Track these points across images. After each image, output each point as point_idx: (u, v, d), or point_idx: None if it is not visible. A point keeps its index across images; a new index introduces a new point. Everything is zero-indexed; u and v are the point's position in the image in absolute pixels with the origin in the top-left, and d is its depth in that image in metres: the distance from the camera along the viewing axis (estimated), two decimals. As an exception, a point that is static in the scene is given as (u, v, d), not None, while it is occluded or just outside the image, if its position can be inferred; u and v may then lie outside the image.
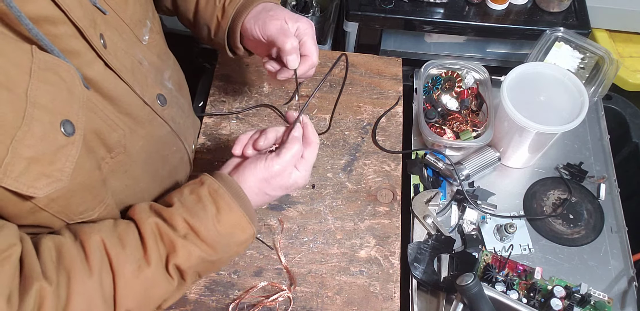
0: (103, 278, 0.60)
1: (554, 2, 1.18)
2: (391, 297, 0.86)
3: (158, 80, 0.76)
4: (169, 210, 0.67)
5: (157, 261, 0.63)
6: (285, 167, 0.71)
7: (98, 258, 0.60)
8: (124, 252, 0.62)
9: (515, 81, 0.96)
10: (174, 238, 0.65)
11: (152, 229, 0.65)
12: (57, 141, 0.53)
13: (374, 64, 1.12)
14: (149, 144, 0.73)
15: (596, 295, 0.86)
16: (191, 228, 0.66)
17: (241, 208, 0.68)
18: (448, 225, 0.95)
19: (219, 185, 0.68)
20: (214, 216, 0.67)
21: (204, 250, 0.66)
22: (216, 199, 0.68)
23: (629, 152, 1.11)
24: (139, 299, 0.62)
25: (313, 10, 1.36)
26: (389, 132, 1.03)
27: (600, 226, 0.96)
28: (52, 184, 0.54)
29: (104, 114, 0.63)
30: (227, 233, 0.68)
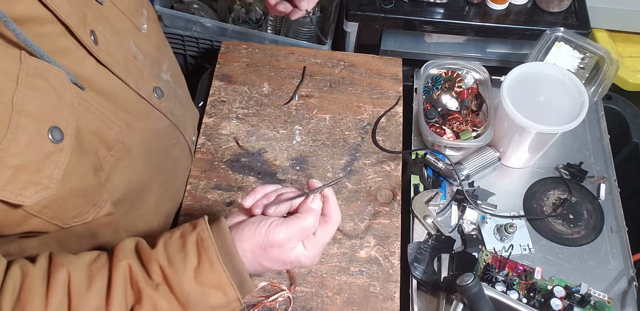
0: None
1: (554, 2, 1.18)
2: (391, 297, 0.86)
3: (155, 73, 0.76)
4: (150, 253, 0.61)
5: (119, 309, 0.57)
6: (289, 239, 0.61)
7: (59, 296, 0.56)
8: (87, 294, 0.57)
9: (515, 81, 0.96)
10: (143, 288, 0.58)
11: (124, 271, 0.59)
12: (45, 148, 0.52)
13: (374, 64, 1.12)
14: (147, 138, 0.72)
15: (596, 295, 0.86)
16: (165, 278, 0.59)
17: (226, 267, 0.60)
18: (448, 225, 0.95)
19: (209, 235, 0.60)
20: (193, 269, 0.59)
21: (174, 307, 0.59)
22: (200, 252, 0.60)
23: (629, 152, 1.11)
24: None
25: (313, 10, 1.36)
26: (389, 132, 1.03)
27: (600, 226, 0.96)
28: (41, 192, 0.53)
29: (100, 112, 0.62)
30: (203, 292, 0.60)
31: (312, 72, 1.10)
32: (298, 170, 0.98)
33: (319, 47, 1.27)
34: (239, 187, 0.95)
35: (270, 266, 0.63)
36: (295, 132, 1.02)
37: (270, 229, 0.61)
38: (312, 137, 1.02)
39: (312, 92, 1.07)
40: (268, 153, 1.00)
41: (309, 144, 1.01)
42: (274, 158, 0.99)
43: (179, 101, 0.84)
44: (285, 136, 1.02)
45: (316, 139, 1.02)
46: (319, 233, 0.64)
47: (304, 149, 1.00)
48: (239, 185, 0.96)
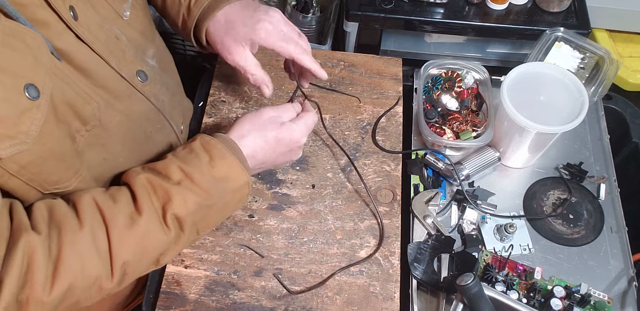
0: (95, 231, 0.61)
1: (554, 2, 1.18)
2: (391, 297, 0.86)
3: (139, 56, 0.76)
4: (163, 162, 0.70)
5: (150, 211, 0.64)
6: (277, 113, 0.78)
7: (90, 213, 0.61)
8: (115, 206, 0.63)
9: (515, 81, 0.96)
10: (168, 187, 0.66)
11: (142, 183, 0.66)
12: (21, 104, 0.54)
13: (374, 64, 1.12)
14: (128, 120, 0.73)
15: (596, 295, 0.86)
16: (185, 174, 0.67)
17: (234, 156, 0.70)
18: (448, 225, 0.95)
19: (210, 137, 0.71)
20: (207, 162, 0.69)
21: (199, 195, 0.67)
22: (208, 149, 0.70)
23: (629, 152, 1.11)
24: (135, 251, 0.63)
25: (313, 10, 1.36)
26: (389, 132, 1.03)
27: (600, 226, 0.96)
28: (16, 146, 0.54)
29: (77, 86, 0.63)
30: (221, 178, 0.69)
31: (312, 72, 1.10)
32: (298, 170, 0.98)
33: (319, 47, 1.27)
34: (239, 187, 0.95)
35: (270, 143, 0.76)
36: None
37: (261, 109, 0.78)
38: (312, 137, 1.02)
39: (312, 92, 1.07)
40: (268, 153, 1.00)
41: (309, 144, 1.01)
42: (274, 157, 0.99)
43: (166, 87, 0.84)
44: (285, 136, 1.02)
45: (316, 139, 1.02)
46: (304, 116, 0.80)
47: (303, 149, 1.00)
48: (239, 185, 0.96)
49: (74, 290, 0.59)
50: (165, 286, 0.85)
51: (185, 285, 0.86)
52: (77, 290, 0.59)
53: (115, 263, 0.62)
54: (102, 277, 0.61)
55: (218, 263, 0.88)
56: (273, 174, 0.97)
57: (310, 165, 0.99)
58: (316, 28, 1.37)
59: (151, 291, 0.87)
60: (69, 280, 0.58)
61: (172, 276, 0.86)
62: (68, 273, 0.58)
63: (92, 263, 0.60)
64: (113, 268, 0.62)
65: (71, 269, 0.58)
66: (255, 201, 0.94)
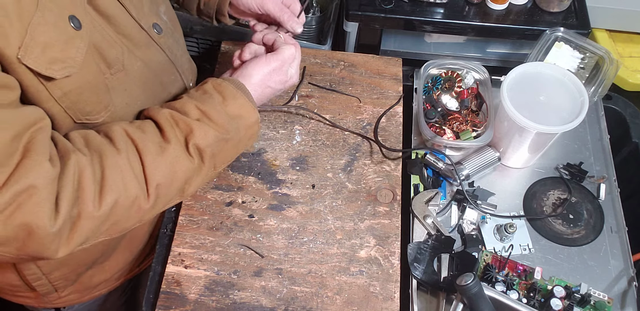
0: (130, 156, 0.66)
1: (554, 2, 1.18)
2: (391, 297, 0.86)
3: (154, 10, 0.80)
4: (180, 101, 0.74)
5: (176, 141, 0.69)
6: (283, 62, 0.80)
7: (123, 141, 0.66)
8: (144, 135, 0.68)
9: (515, 81, 0.96)
10: (189, 122, 0.71)
11: (166, 117, 0.71)
12: (67, 32, 0.60)
13: (374, 64, 1.12)
14: (146, 68, 0.77)
15: (596, 295, 0.86)
16: (202, 112, 0.72)
17: (245, 95, 0.75)
18: (448, 225, 0.95)
19: (221, 80, 0.76)
20: (221, 102, 0.74)
21: (217, 129, 0.72)
22: (220, 90, 0.75)
23: (629, 152, 1.11)
24: (166, 174, 0.68)
25: (313, 10, 1.36)
26: (389, 132, 1.03)
27: (600, 226, 0.96)
28: (67, 69, 0.60)
29: (103, 29, 0.67)
30: (235, 115, 0.74)
31: (312, 72, 1.10)
32: (298, 170, 0.98)
33: (319, 47, 1.27)
34: (239, 187, 0.95)
35: (275, 86, 0.81)
36: (295, 132, 1.02)
37: (268, 58, 0.80)
38: (312, 137, 1.02)
39: (312, 92, 1.07)
40: (268, 153, 1.00)
41: (309, 144, 1.01)
42: (274, 158, 0.99)
43: (177, 42, 0.88)
44: (285, 136, 1.02)
45: (316, 139, 1.02)
46: (297, 55, 0.83)
47: (304, 149, 1.00)
48: (239, 185, 0.96)
49: (118, 207, 0.64)
50: (165, 286, 0.85)
51: (185, 285, 0.86)
52: (120, 208, 0.64)
53: (150, 185, 0.67)
54: (140, 197, 0.66)
55: (218, 263, 0.88)
56: (273, 174, 0.97)
57: (310, 165, 0.99)
58: (316, 28, 1.36)
59: (151, 291, 0.87)
60: (114, 196, 0.63)
61: (172, 276, 0.86)
62: (113, 190, 0.63)
63: (131, 183, 0.65)
64: (149, 190, 0.67)
65: (115, 187, 0.63)
66: (255, 201, 0.94)
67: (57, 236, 0.59)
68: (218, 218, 0.92)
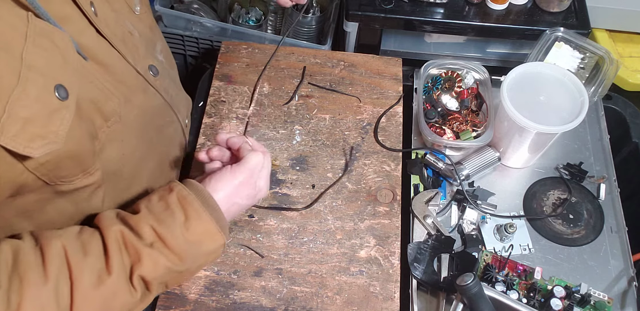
0: (60, 286, 0.57)
1: (554, 2, 1.18)
2: (391, 297, 0.86)
3: (149, 51, 0.77)
4: (136, 217, 0.65)
5: (120, 271, 0.61)
6: (251, 174, 0.73)
7: (57, 265, 0.58)
8: (85, 260, 0.60)
9: (515, 81, 0.96)
10: (139, 247, 0.63)
11: (116, 237, 0.63)
12: (52, 104, 0.54)
13: (374, 64, 1.12)
14: (143, 114, 0.74)
15: (596, 295, 0.86)
16: (158, 235, 0.64)
17: (211, 216, 0.67)
18: (448, 225, 0.95)
19: (188, 192, 0.67)
20: (182, 223, 0.65)
21: (171, 260, 0.64)
22: (185, 207, 0.66)
23: (629, 152, 1.11)
24: (98, 309, 0.60)
25: (313, 10, 1.36)
26: (388, 132, 1.03)
27: (600, 226, 0.96)
28: (47, 146, 0.55)
29: (100, 82, 0.64)
30: (196, 241, 0.66)
31: (312, 72, 1.10)
32: (298, 170, 0.98)
33: (319, 47, 1.27)
34: (239, 187, 0.95)
35: (244, 202, 0.74)
36: (295, 132, 1.02)
37: (234, 170, 0.72)
38: (312, 137, 1.02)
39: (312, 92, 1.07)
40: (268, 153, 1.00)
41: (309, 144, 1.01)
42: (273, 158, 0.99)
43: (173, 81, 0.85)
44: (285, 136, 1.02)
45: (316, 139, 1.02)
46: (266, 164, 0.77)
47: (304, 149, 1.00)
48: (239, 185, 0.96)
49: None
50: (165, 286, 0.85)
51: (185, 285, 0.86)
52: None
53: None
54: None
55: (218, 263, 0.88)
56: (273, 174, 0.97)
57: (310, 165, 0.99)
58: (316, 28, 1.37)
59: (151, 291, 0.87)
60: None
61: (172, 276, 0.86)
62: None
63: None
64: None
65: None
66: (255, 201, 0.94)
67: None
68: (218, 218, 0.92)
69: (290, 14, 1.35)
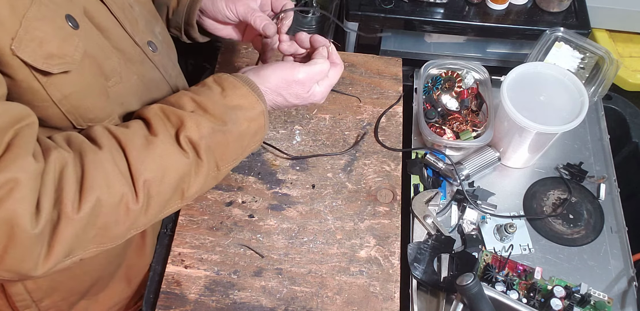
0: (114, 152, 0.61)
1: (554, 2, 1.18)
2: (391, 297, 0.86)
3: (149, 28, 0.78)
4: (175, 94, 0.69)
5: (165, 134, 0.64)
6: (310, 77, 0.72)
7: (105, 137, 0.62)
8: (129, 131, 0.64)
9: (515, 80, 0.96)
10: (181, 114, 0.65)
11: (155, 112, 0.66)
12: (64, 30, 0.57)
13: (374, 64, 1.12)
14: (142, 83, 0.74)
15: (596, 295, 0.86)
16: (198, 104, 0.67)
17: (249, 87, 0.69)
18: (448, 225, 0.95)
19: (222, 73, 0.70)
20: (220, 93, 0.68)
21: (212, 121, 0.66)
22: (220, 82, 0.69)
23: (629, 152, 1.11)
24: (155, 168, 0.62)
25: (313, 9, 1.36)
26: (388, 132, 1.03)
27: (600, 226, 0.96)
28: (65, 65, 0.58)
29: (100, 40, 0.65)
30: (234, 105, 0.68)
31: (312, 72, 1.10)
32: (298, 170, 0.98)
33: (319, 47, 1.27)
34: (239, 187, 0.95)
35: (289, 99, 0.74)
36: (295, 132, 1.02)
37: (296, 67, 0.72)
38: (312, 137, 1.02)
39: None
40: (268, 153, 1.00)
41: (309, 144, 1.01)
42: (274, 158, 0.99)
43: (172, 62, 0.85)
44: (285, 136, 1.02)
45: (316, 139, 1.02)
46: (331, 74, 0.75)
47: (304, 149, 1.00)
48: (239, 185, 0.96)
49: (103, 207, 0.58)
50: (165, 286, 0.85)
51: (185, 285, 0.86)
52: (105, 208, 0.59)
53: (137, 181, 0.61)
54: (128, 195, 0.60)
55: (218, 263, 0.88)
56: (273, 174, 0.97)
57: (310, 165, 0.99)
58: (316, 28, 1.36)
59: (151, 291, 0.87)
60: (95, 195, 0.57)
61: (172, 276, 0.86)
62: (95, 188, 0.58)
63: (115, 179, 0.59)
64: (136, 187, 0.61)
65: (97, 184, 0.58)
66: (255, 201, 0.94)
67: (38, 241, 0.54)
68: (218, 218, 0.92)
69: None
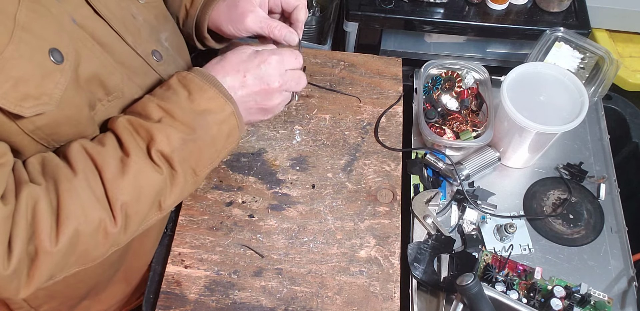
0: (89, 176, 0.60)
1: (554, 2, 1.18)
2: (391, 297, 0.86)
3: (154, 37, 0.77)
4: (140, 102, 0.68)
5: (137, 152, 0.63)
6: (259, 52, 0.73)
7: (81, 160, 0.61)
8: (104, 150, 0.63)
9: (515, 80, 0.96)
10: (149, 126, 0.64)
11: (124, 126, 0.65)
12: (45, 66, 0.55)
13: (374, 64, 1.12)
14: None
15: (596, 295, 0.86)
16: (165, 111, 0.65)
17: (215, 87, 0.68)
18: (448, 225, 0.95)
19: (187, 73, 0.69)
20: (186, 97, 0.67)
21: (182, 130, 0.65)
22: (185, 84, 0.68)
23: (629, 152, 1.11)
24: (131, 190, 0.62)
25: (313, 10, 1.37)
26: (388, 132, 1.03)
27: (600, 226, 0.96)
28: (39, 106, 0.55)
29: (102, 56, 0.64)
30: (203, 110, 0.67)
31: (312, 72, 1.10)
32: (298, 170, 0.98)
33: (319, 47, 1.27)
34: (239, 187, 0.95)
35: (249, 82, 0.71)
36: (295, 132, 1.02)
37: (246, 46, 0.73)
38: (312, 137, 1.02)
39: (312, 92, 1.07)
40: (268, 153, 1.00)
41: (309, 144, 1.01)
42: (274, 158, 0.99)
43: (178, 67, 0.84)
44: (285, 136, 1.02)
45: (316, 139, 1.02)
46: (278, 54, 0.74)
47: (304, 149, 1.00)
48: (239, 185, 0.96)
49: (80, 236, 0.59)
50: (165, 286, 0.85)
51: (185, 285, 0.86)
52: (83, 236, 0.59)
53: (114, 205, 0.61)
54: (106, 220, 0.60)
55: (218, 263, 0.88)
56: (273, 174, 0.97)
57: (310, 165, 0.99)
58: (316, 28, 1.37)
59: (151, 291, 0.87)
60: (73, 225, 0.58)
61: (172, 276, 0.86)
62: (71, 219, 0.57)
63: (92, 206, 0.59)
64: (113, 210, 0.61)
65: (73, 215, 0.58)
66: (255, 201, 0.94)
67: (13, 278, 0.54)
68: (218, 218, 0.92)
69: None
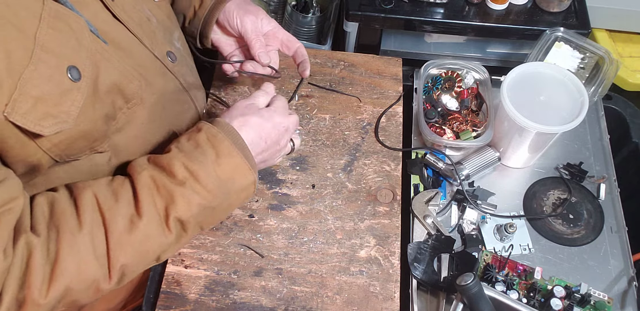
0: (94, 233, 0.60)
1: (554, 2, 1.18)
2: (391, 297, 0.86)
3: (167, 38, 0.78)
4: (167, 156, 0.67)
5: (151, 214, 0.63)
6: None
7: (89, 213, 0.61)
8: (116, 206, 0.62)
9: (515, 81, 0.96)
10: (172, 188, 0.64)
11: (146, 182, 0.64)
12: (63, 84, 0.56)
13: (374, 64, 1.12)
14: (163, 99, 0.75)
15: (596, 295, 0.86)
16: (190, 173, 0.65)
17: (242, 153, 0.68)
18: (448, 225, 0.95)
19: (217, 130, 0.68)
20: (214, 160, 0.67)
21: (204, 197, 0.65)
22: (215, 144, 0.68)
23: (629, 152, 1.11)
24: (134, 254, 0.62)
25: (313, 10, 1.36)
26: (388, 132, 1.03)
27: (600, 226, 0.96)
28: (58, 125, 0.56)
29: (121, 64, 0.65)
30: (227, 178, 0.67)
31: (312, 72, 1.10)
32: (298, 170, 0.98)
33: (319, 47, 1.27)
34: (239, 187, 0.95)
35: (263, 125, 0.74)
36: (295, 132, 1.02)
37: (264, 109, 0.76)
38: (312, 137, 1.02)
39: (312, 92, 1.07)
40: (268, 153, 1.00)
41: (309, 144, 1.01)
42: (274, 157, 0.99)
43: (190, 69, 0.86)
44: (285, 136, 1.02)
45: (316, 139, 1.02)
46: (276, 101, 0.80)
47: (304, 149, 1.00)
48: (239, 185, 0.96)
49: (71, 291, 0.59)
50: (165, 286, 0.85)
51: (185, 285, 0.86)
52: (74, 292, 0.59)
53: (113, 266, 0.61)
54: (100, 279, 0.61)
55: (218, 263, 0.88)
56: (273, 174, 0.97)
57: (310, 165, 0.99)
58: (316, 28, 1.37)
59: (151, 291, 0.87)
60: (65, 282, 0.58)
61: (172, 276, 0.86)
62: (65, 275, 0.58)
63: (89, 265, 0.59)
64: (111, 271, 0.61)
65: (68, 272, 0.58)
66: (256, 201, 0.94)
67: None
68: (218, 218, 0.92)
69: (290, 14, 1.35)
